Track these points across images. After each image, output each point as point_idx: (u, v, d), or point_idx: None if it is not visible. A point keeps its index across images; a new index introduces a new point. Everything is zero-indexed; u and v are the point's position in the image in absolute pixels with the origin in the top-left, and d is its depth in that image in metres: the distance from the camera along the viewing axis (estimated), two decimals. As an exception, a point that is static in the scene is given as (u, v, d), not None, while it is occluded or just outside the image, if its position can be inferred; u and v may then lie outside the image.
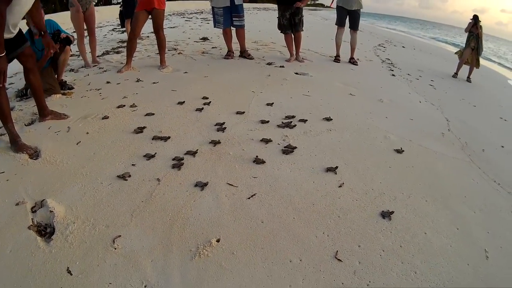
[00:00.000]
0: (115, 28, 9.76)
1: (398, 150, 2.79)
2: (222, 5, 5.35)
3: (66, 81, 3.92)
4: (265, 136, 2.83)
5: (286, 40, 5.87)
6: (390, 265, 1.65)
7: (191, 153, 2.53)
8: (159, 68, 4.83)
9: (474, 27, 6.72)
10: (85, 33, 4.98)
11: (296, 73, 5.04)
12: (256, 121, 3.13)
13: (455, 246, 1.81)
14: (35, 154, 2.49)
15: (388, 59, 7.52)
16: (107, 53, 6.05)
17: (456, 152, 2.99)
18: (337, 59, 6.25)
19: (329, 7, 7.89)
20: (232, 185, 2.18)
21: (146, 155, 2.45)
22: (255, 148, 2.65)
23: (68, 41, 3.62)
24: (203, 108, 3.35)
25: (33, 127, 2.90)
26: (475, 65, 6.79)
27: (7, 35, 2.50)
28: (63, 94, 3.67)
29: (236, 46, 5.91)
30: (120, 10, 7.42)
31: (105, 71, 4.74)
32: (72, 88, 3.87)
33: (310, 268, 1.60)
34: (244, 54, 5.88)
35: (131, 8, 6.29)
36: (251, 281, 1.52)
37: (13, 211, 1.91)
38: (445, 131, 3.44)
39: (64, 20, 3.81)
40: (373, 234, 1.84)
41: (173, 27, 10.00)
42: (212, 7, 5.52)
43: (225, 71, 4.87)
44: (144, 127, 2.89)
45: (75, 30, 4.83)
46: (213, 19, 5.68)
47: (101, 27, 10.00)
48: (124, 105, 3.38)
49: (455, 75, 6.82)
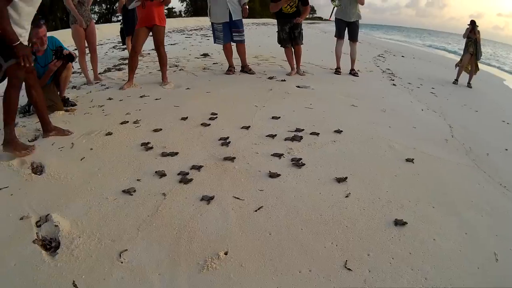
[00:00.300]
0: (116, 46, 9.87)
1: (408, 159, 2.78)
2: (221, 21, 5.40)
3: (68, 98, 3.94)
4: (269, 150, 2.82)
5: (287, 54, 5.92)
6: (401, 272, 1.63)
7: (196, 167, 2.52)
8: (161, 85, 4.86)
9: (472, 32, 6.77)
10: (86, 50, 5.04)
11: (298, 86, 5.07)
12: (260, 135, 3.12)
13: (464, 251, 1.80)
14: (38, 169, 2.49)
15: (388, 69, 7.57)
16: (108, 70, 6.10)
17: (460, 157, 2.99)
18: (337, 71, 6.28)
19: (328, 20, 8.00)
20: (239, 198, 2.16)
21: (158, 173, 2.41)
22: (260, 161, 2.65)
23: (71, 58, 3.64)
24: (209, 124, 3.34)
25: (36, 143, 2.90)
26: (474, 71, 6.81)
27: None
28: (66, 110, 3.69)
29: (237, 61, 5.95)
30: (121, 27, 7.52)
31: (107, 88, 4.77)
32: (75, 105, 3.90)
33: (320, 278, 1.58)
34: (245, 69, 5.92)
35: (131, 25, 6.37)
36: (261, 293, 1.50)
37: (18, 225, 1.89)
38: (449, 137, 3.45)
39: (64, 38, 3.86)
40: (382, 242, 1.82)
41: (173, 44, 10.12)
42: (212, 23, 5.58)
43: (227, 86, 4.89)
44: (148, 143, 2.89)
45: (76, 47, 4.89)
46: (213, 35, 5.74)
47: (101, 44, 10.11)
48: (128, 121, 3.39)
49: (455, 81, 6.84)
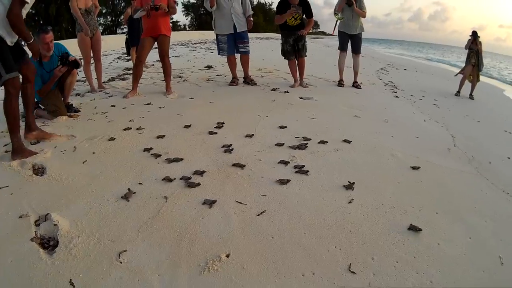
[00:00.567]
0: (120, 57, 9.99)
1: (414, 167, 2.76)
2: (225, 32, 5.46)
3: (72, 104, 3.96)
4: (272, 157, 2.81)
5: (290, 66, 5.94)
6: (406, 275, 1.60)
7: (198, 172, 2.49)
8: (165, 94, 4.87)
9: (474, 43, 6.79)
10: (91, 60, 5.08)
11: (301, 97, 5.07)
12: (263, 143, 3.11)
13: (469, 255, 1.77)
14: (39, 171, 2.47)
15: (391, 81, 7.59)
16: (112, 79, 6.14)
17: (463, 165, 2.98)
18: (340, 83, 6.29)
19: (331, 34, 8.07)
20: (241, 202, 2.13)
21: (166, 178, 2.38)
22: (263, 168, 2.62)
23: (76, 64, 3.66)
24: (213, 132, 3.34)
25: (38, 146, 2.89)
26: (475, 82, 6.81)
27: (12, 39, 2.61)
28: (69, 116, 3.70)
29: (240, 74, 5.99)
30: (126, 38, 7.60)
31: (111, 96, 4.79)
32: (78, 111, 3.91)
33: (323, 281, 1.54)
34: (247, 79, 5.96)
35: (136, 36, 6.44)
36: (263, 295, 1.46)
37: (16, 223, 1.87)
38: (451, 146, 3.44)
39: (70, 47, 3.88)
40: (386, 247, 1.79)
41: (177, 56, 10.21)
42: (216, 34, 5.63)
43: (230, 97, 4.91)
44: (151, 148, 2.88)
45: (81, 55, 4.92)
46: (217, 46, 5.78)
47: (106, 55, 10.22)
48: (131, 128, 3.38)
49: (457, 93, 6.83)
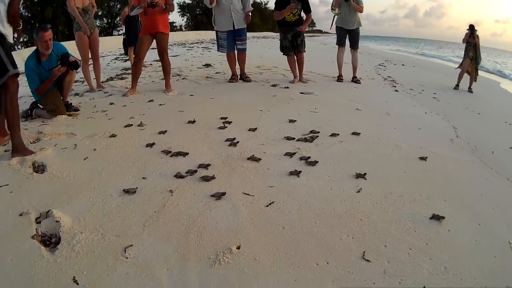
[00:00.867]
0: (118, 57, 9.93)
1: (422, 157, 2.74)
2: (225, 29, 5.42)
3: (71, 103, 3.90)
4: (277, 149, 2.77)
5: (289, 62, 5.89)
6: (420, 262, 1.57)
7: (203, 166, 2.45)
8: (165, 92, 4.82)
9: (471, 37, 6.76)
10: (90, 61, 5.02)
11: (301, 92, 5.03)
12: (266, 137, 3.07)
13: (479, 241, 1.76)
14: (40, 168, 2.42)
15: (390, 76, 7.56)
16: (111, 79, 6.07)
17: (466, 155, 2.97)
18: (340, 78, 6.26)
19: (327, 32, 8.04)
20: (249, 194, 2.08)
21: (177, 175, 2.31)
22: (268, 160, 2.58)
23: (76, 65, 3.61)
24: (215, 126, 3.30)
25: (38, 145, 2.83)
26: (474, 77, 6.79)
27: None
28: (69, 115, 3.64)
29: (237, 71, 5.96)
30: (124, 38, 7.54)
31: (110, 95, 4.73)
32: (78, 109, 3.85)
33: (338, 270, 1.50)
34: (243, 77, 5.91)
35: (133, 35, 6.38)
36: (277, 285, 1.40)
37: (16, 221, 1.81)
38: (454, 137, 3.43)
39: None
40: (398, 234, 1.76)
41: (175, 56, 10.12)
42: (216, 31, 5.59)
43: (230, 93, 4.86)
44: (154, 143, 2.83)
45: (79, 55, 4.83)
46: (216, 43, 5.73)
47: (103, 56, 10.14)
48: (132, 125, 3.33)
49: (456, 86, 6.80)
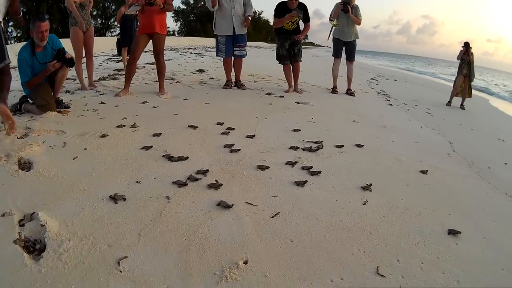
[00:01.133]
0: (111, 58, 9.72)
1: (422, 171, 2.72)
2: (225, 33, 5.33)
3: (62, 100, 3.72)
4: (277, 158, 2.66)
5: (285, 71, 5.83)
6: (433, 276, 1.52)
7: (201, 172, 2.31)
8: (158, 94, 4.67)
9: (466, 54, 6.82)
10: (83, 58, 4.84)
11: (297, 102, 4.97)
12: (265, 145, 2.96)
13: (487, 254, 1.74)
14: (26, 166, 2.24)
15: (383, 91, 7.59)
16: (103, 79, 5.87)
17: (464, 169, 2.99)
18: (334, 90, 6.21)
19: (320, 45, 8.04)
20: (252, 204, 1.96)
21: (177, 182, 2.13)
22: (270, 169, 2.46)
23: (71, 63, 3.46)
24: (212, 131, 3.19)
25: (26, 140, 2.66)
26: (467, 93, 6.83)
27: None
28: (59, 112, 3.46)
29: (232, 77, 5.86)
30: (118, 38, 7.37)
31: (102, 94, 4.55)
32: (69, 107, 3.67)
33: (354, 287, 1.40)
34: (237, 84, 5.81)
35: (128, 36, 6.24)
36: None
37: (-2, 222, 1.64)
38: (451, 152, 3.44)
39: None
40: (409, 248, 1.70)
41: (168, 60, 9.97)
42: (216, 34, 5.48)
43: (225, 99, 4.76)
44: (148, 146, 2.68)
45: (73, 50, 4.64)
46: (215, 47, 5.62)
47: (96, 56, 9.91)
48: (124, 125, 3.17)
49: (448, 103, 6.83)
